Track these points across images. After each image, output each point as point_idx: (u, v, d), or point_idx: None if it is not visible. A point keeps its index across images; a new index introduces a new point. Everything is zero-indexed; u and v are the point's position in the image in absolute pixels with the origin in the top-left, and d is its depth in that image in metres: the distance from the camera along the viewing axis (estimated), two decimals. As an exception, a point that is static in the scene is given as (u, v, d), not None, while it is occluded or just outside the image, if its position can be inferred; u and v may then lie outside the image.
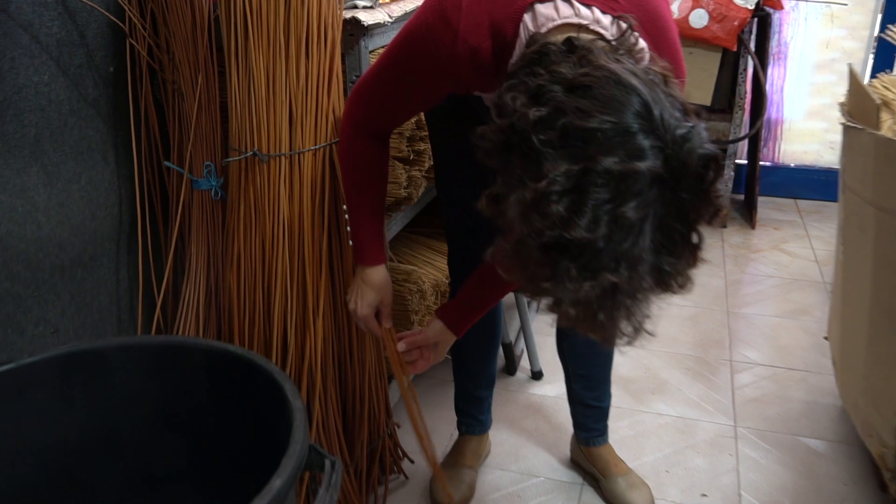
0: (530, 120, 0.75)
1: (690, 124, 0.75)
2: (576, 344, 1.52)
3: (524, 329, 2.01)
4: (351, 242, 1.29)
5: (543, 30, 0.91)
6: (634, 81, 0.75)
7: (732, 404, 1.88)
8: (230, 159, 1.30)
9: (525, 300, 2.00)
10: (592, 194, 0.71)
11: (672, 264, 0.76)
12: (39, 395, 1.08)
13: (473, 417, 1.64)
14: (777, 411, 1.85)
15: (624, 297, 0.75)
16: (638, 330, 0.79)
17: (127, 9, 1.36)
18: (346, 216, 1.28)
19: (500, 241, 0.80)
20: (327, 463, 0.95)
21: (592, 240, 0.72)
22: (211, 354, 1.10)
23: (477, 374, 1.61)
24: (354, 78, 1.41)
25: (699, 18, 2.66)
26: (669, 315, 2.28)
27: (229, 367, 1.08)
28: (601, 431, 1.60)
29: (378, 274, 1.27)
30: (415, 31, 1.00)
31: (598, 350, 1.48)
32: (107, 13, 1.36)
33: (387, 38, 1.53)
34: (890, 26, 1.71)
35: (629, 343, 0.81)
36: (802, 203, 3.26)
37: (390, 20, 1.47)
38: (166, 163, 1.45)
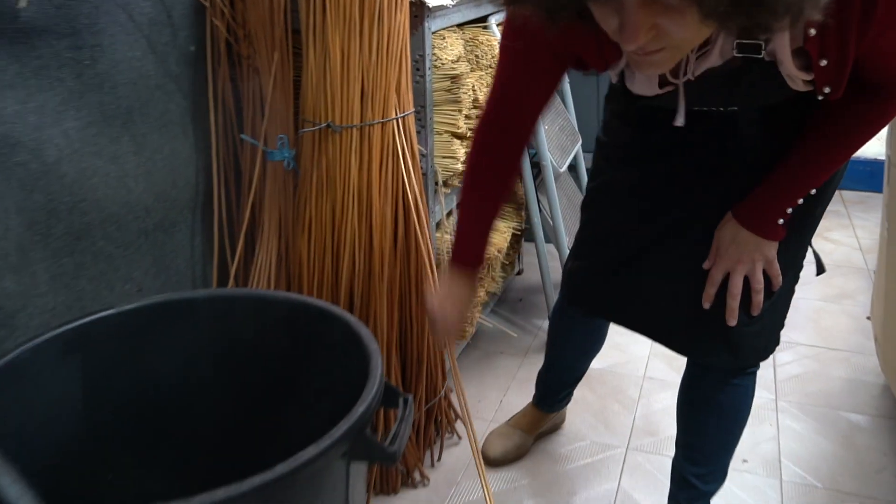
0: None
1: None
2: (698, 403, 1.32)
3: (571, 304, 2.09)
4: (452, 238, 1.24)
5: None
6: None
7: (774, 379, 1.93)
8: (305, 130, 1.40)
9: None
10: None
11: None
12: (136, 339, 1.19)
13: (549, 397, 1.68)
14: (818, 387, 1.90)
15: None
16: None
17: (211, -9, 1.46)
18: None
19: None
20: (401, 400, 1.04)
21: None
22: (292, 306, 1.20)
23: (573, 366, 1.61)
24: (418, 57, 1.50)
25: None
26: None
27: (309, 318, 1.18)
28: None
29: (466, 280, 1.20)
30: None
31: (720, 416, 1.29)
32: (193, -6, 1.47)
33: (447, 21, 1.62)
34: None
35: None
36: (847, 194, 3.28)
37: (451, 3, 1.56)
38: (242, 136, 1.56)
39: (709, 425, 1.30)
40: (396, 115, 1.39)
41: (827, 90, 0.89)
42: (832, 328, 2.19)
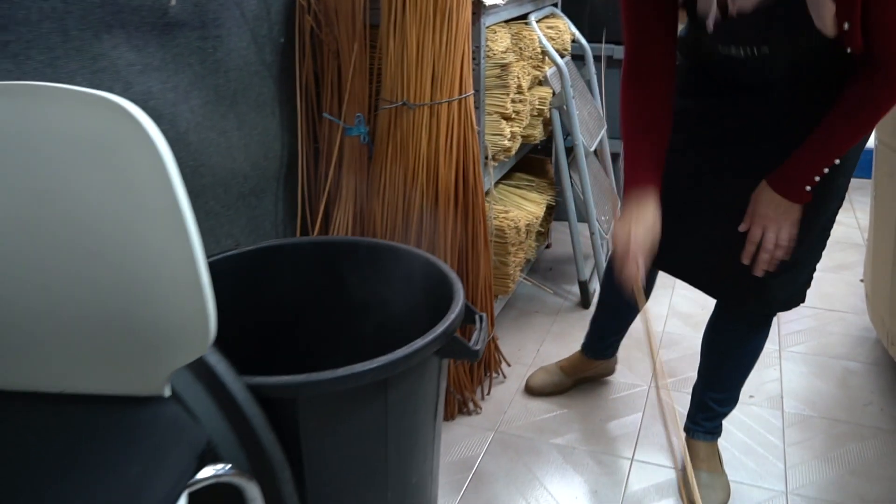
0: None
1: None
2: (722, 341, 1.59)
3: (598, 268, 2.36)
4: (623, 178, 1.36)
5: None
6: None
7: (778, 334, 2.19)
8: (384, 107, 1.67)
9: (599, 244, 2.34)
10: None
11: None
12: (254, 273, 1.47)
13: (594, 343, 1.90)
14: (817, 341, 2.16)
15: None
16: None
17: (304, -8, 1.74)
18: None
19: None
20: (477, 317, 1.32)
21: None
22: (374, 247, 1.47)
23: (619, 312, 1.81)
24: (475, 48, 1.77)
25: None
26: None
27: (403, 259, 1.45)
28: (707, 430, 1.64)
29: (651, 203, 1.30)
30: None
31: (739, 352, 1.56)
32: (291, -6, 1.74)
33: (498, 17, 1.89)
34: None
35: None
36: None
37: (502, 2, 1.83)
38: (325, 114, 1.83)
39: (728, 360, 1.57)
40: (460, 95, 1.66)
41: (846, 27, 1.09)
42: (831, 294, 2.45)
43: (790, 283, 1.44)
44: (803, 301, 1.48)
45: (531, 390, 1.91)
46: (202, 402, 1.02)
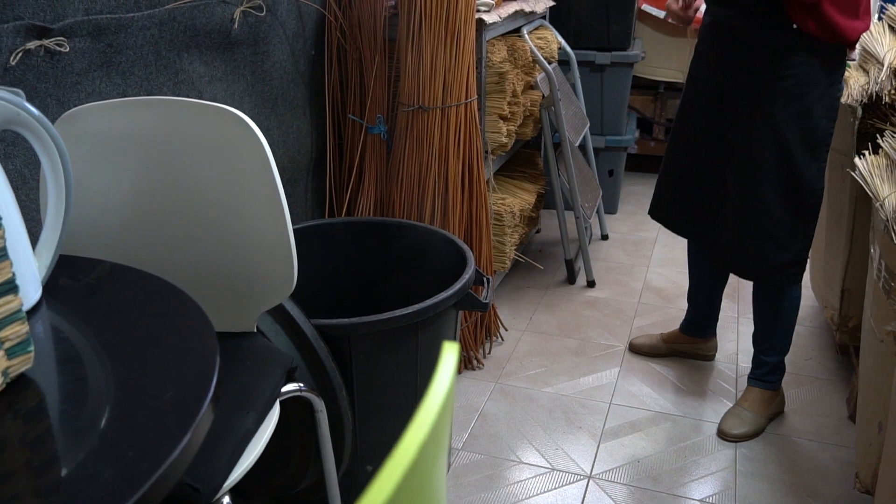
0: None
1: None
2: (755, 303, 1.94)
3: (582, 249, 2.70)
4: None
5: None
6: None
7: (737, 301, 2.54)
8: (404, 110, 2.00)
9: (583, 226, 2.67)
10: None
11: None
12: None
13: (687, 319, 2.22)
14: (771, 310, 2.51)
15: None
16: None
17: (334, 8, 2.05)
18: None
19: None
20: (485, 279, 1.65)
21: None
22: (402, 226, 1.80)
23: (700, 287, 2.16)
24: (477, 59, 2.09)
25: None
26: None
27: (423, 234, 1.78)
28: (756, 377, 1.96)
29: None
30: None
31: (767, 313, 1.90)
32: (323, 11, 2.06)
33: (495, 32, 2.21)
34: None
35: None
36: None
37: (500, 20, 2.15)
38: (350, 115, 2.15)
39: (760, 318, 1.94)
40: (466, 99, 1.99)
41: None
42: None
43: (773, 257, 1.76)
44: (796, 280, 1.81)
45: (633, 347, 2.27)
46: (281, 338, 1.35)
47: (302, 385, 1.27)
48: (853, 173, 1.53)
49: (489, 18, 2.07)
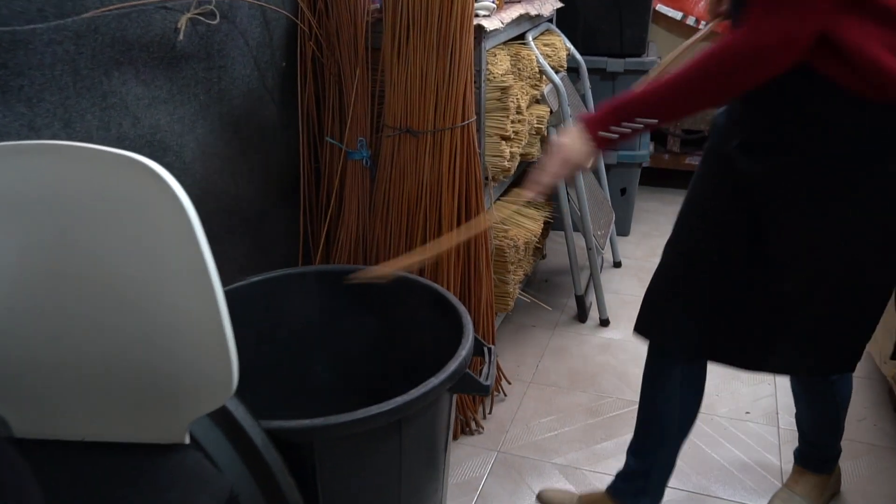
0: None
1: None
2: (798, 395, 1.60)
3: (594, 283, 2.39)
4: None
5: None
6: None
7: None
8: (389, 134, 1.69)
9: (596, 258, 2.37)
10: None
11: None
12: (264, 301, 1.48)
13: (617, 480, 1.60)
14: (810, 354, 2.20)
15: None
16: None
17: (307, 15, 1.74)
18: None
19: None
20: (485, 349, 1.34)
21: None
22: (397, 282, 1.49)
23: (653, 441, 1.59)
24: (476, 72, 1.78)
25: None
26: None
27: (406, 287, 1.47)
28: (806, 458, 1.64)
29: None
30: None
31: (814, 407, 1.57)
32: (294, 19, 1.75)
33: (497, 40, 1.90)
34: None
35: None
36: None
37: (502, 26, 1.84)
38: (328, 138, 1.84)
39: (816, 405, 1.57)
40: (463, 121, 1.68)
41: None
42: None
43: (833, 343, 1.32)
44: (850, 368, 1.39)
45: (541, 498, 1.68)
46: (222, 449, 1.04)
47: (247, 513, 0.96)
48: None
49: (490, 24, 1.76)
